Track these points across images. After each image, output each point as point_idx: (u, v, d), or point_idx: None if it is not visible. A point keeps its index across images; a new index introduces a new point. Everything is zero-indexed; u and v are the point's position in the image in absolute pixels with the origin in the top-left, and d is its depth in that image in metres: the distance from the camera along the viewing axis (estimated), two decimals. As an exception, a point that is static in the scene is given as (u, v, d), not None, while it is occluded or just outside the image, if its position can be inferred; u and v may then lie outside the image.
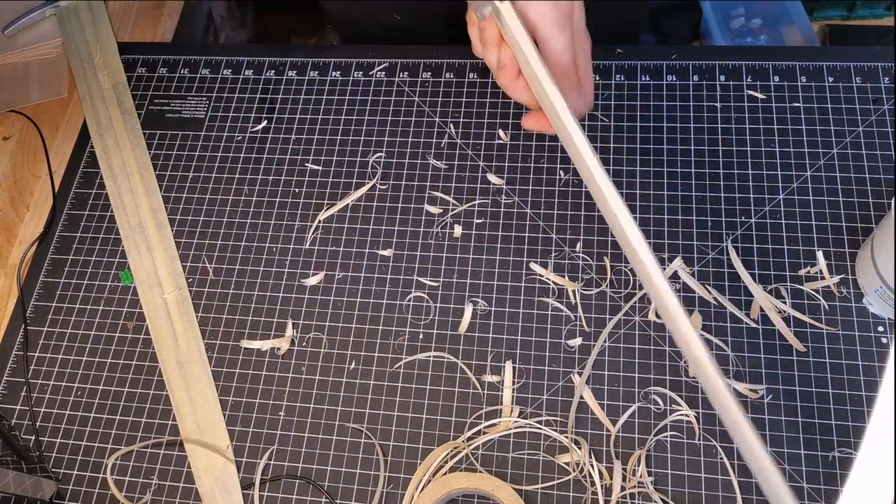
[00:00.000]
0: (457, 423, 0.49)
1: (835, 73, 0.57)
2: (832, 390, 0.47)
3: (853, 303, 0.49)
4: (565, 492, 0.46)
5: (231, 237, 0.57)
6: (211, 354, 0.53)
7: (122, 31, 0.72)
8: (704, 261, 0.52)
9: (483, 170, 0.57)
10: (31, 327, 0.56)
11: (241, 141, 0.61)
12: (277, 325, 0.54)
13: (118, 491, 0.49)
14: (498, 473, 0.47)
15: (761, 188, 0.54)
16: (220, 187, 0.60)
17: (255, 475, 0.49)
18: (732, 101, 0.57)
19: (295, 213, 0.58)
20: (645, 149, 0.56)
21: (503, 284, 0.53)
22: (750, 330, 0.49)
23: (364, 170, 0.59)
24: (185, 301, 0.55)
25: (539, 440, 0.48)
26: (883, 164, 0.53)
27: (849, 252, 0.51)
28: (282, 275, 0.55)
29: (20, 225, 0.62)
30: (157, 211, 0.59)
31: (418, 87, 0.62)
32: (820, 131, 0.55)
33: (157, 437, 0.51)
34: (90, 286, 0.57)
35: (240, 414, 0.51)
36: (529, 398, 0.49)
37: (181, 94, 0.64)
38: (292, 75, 0.64)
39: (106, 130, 0.63)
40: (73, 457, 0.51)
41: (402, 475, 0.48)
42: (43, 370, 0.54)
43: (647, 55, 0.60)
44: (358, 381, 0.51)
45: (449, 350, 0.51)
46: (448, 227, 0.55)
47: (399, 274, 0.54)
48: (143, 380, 0.53)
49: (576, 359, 0.50)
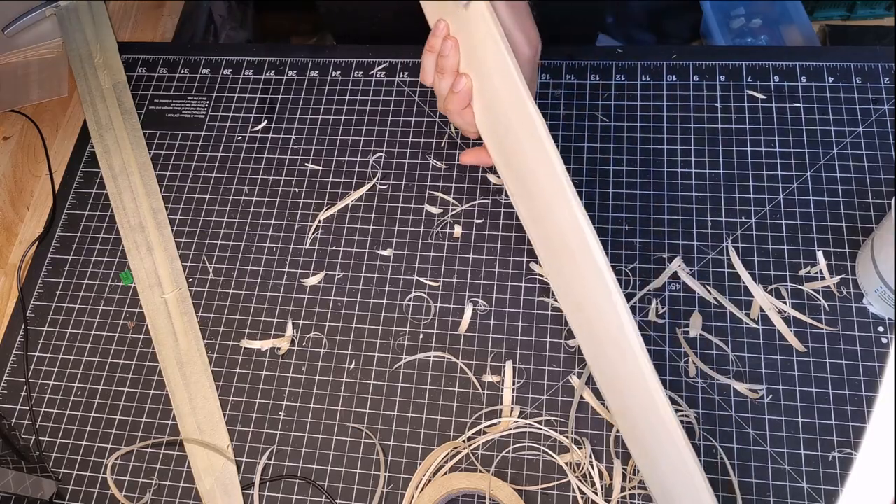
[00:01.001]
0: (457, 423, 0.49)
1: (835, 73, 0.57)
2: (832, 390, 0.47)
3: (853, 303, 0.49)
4: (565, 492, 0.46)
5: (231, 237, 0.57)
6: (211, 354, 0.53)
7: (122, 31, 0.72)
8: (704, 261, 0.52)
9: (483, 170, 0.57)
10: (31, 327, 0.56)
11: (241, 141, 0.61)
12: (277, 325, 0.54)
13: (118, 491, 0.49)
14: (498, 473, 0.47)
15: (761, 188, 0.54)
16: (220, 187, 0.60)
17: (255, 475, 0.49)
18: (732, 101, 0.57)
19: (295, 213, 0.58)
20: (645, 149, 0.56)
21: (503, 284, 0.53)
22: (750, 330, 0.49)
23: (364, 170, 0.59)
24: (185, 301, 0.55)
25: (539, 440, 0.48)
26: (883, 164, 0.53)
27: (849, 252, 0.51)
28: (282, 275, 0.55)
29: (20, 225, 0.62)
30: (157, 211, 0.59)
31: (418, 87, 0.62)
32: (820, 131, 0.55)
33: (157, 437, 0.51)
34: (90, 286, 0.57)
35: (240, 414, 0.51)
36: (529, 398, 0.49)
37: (181, 93, 0.64)
38: (292, 75, 0.64)
39: (106, 130, 0.63)
40: (73, 457, 0.51)
41: (402, 475, 0.48)
42: (43, 370, 0.54)
43: (647, 55, 0.60)
44: (358, 381, 0.51)
45: (449, 350, 0.51)
46: (448, 227, 0.55)
47: (399, 274, 0.54)
48: (143, 380, 0.53)
49: (576, 359, 0.50)
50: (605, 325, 0.40)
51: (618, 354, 0.40)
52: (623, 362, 0.39)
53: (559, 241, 0.41)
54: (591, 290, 0.40)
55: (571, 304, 0.42)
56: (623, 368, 0.40)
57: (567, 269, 0.41)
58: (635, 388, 0.39)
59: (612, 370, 0.41)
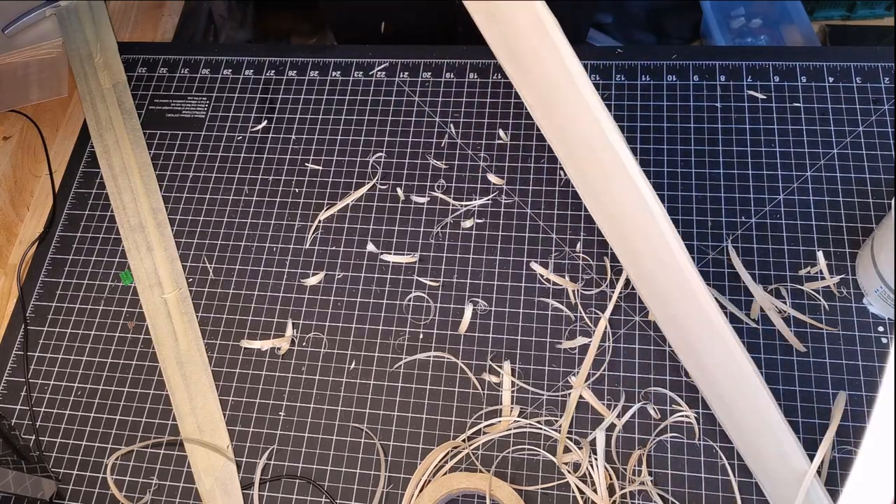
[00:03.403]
0: (457, 423, 0.49)
1: (835, 73, 0.57)
2: (832, 390, 0.47)
3: (853, 303, 0.49)
4: (565, 492, 0.46)
5: (231, 237, 0.57)
6: (211, 354, 0.53)
7: (122, 31, 0.72)
8: (704, 261, 0.52)
9: (483, 170, 0.57)
10: (31, 327, 0.56)
11: (241, 141, 0.61)
12: (277, 325, 0.54)
13: (118, 491, 0.49)
14: (498, 473, 0.47)
15: (761, 188, 0.54)
16: (220, 187, 0.60)
17: (255, 475, 0.49)
18: (732, 101, 0.57)
19: (295, 213, 0.58)
20: (645, 149, 0.56)
21: (503, 284, 0.53)
22: (750, 330, 0.49)
23: (364, 170, 0.59)
24: (185, 301, 0.55)
25: (539, 440, 0.48)
26: (883, 164, 0.53)
27: (849, 252, 0.51)
28: (282, 275, 0.55)
29: (20, 225, 0.62)
30: (157, 211, 0.59)
31: (418, 87, 0.62)
32: (820, 131, 0.55)
33: (157, 437, 0.51)
34: (90, 286, 0.57)
35: (240, 414, 0.51)
36: (529, 398, 0.49)
37: (181, 94, 0.64)
38: (292, 75, 0.64)
39: (106, 130, 0.63)
40: (73, 457, 0.51)
41: (402, 475, 0.48)
42: (43, 370, 0.54)
43: (647, 55, 0.60)
44: (358, 381, 0.51)
45: (449, 350, 0.51)
46: (448, 226, 0.55)
47: (399, 274, 0.54)
48: (143, 380, 0.53)
49: (576, 359, 0.50)
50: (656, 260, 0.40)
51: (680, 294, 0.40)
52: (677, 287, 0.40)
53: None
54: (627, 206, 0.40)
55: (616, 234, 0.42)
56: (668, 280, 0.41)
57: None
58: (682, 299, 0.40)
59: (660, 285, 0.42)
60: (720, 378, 0.42)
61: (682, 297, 0.40)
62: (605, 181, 0.40)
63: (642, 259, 0.41)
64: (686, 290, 0.40)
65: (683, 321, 0.41)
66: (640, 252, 0.41)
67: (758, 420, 0.41)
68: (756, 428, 0.41)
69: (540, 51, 0.38)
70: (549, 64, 0.38)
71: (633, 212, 0.40)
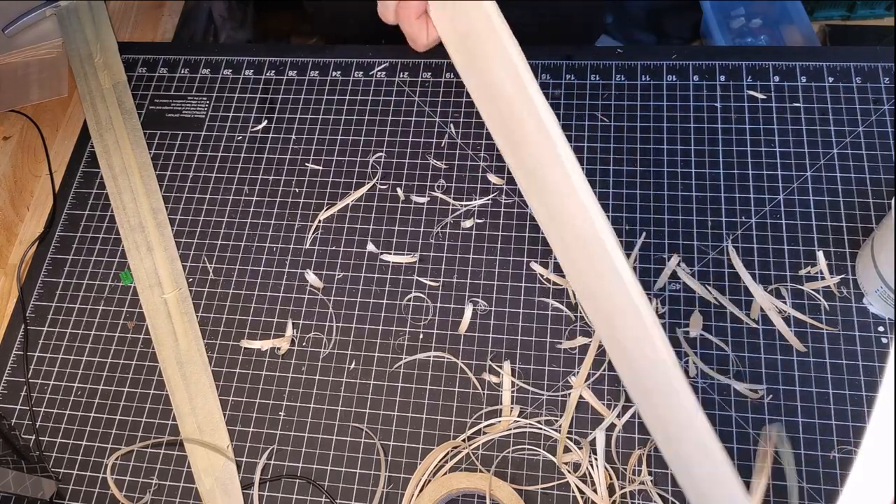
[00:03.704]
0: (457, 423, 0.49)
1: (835, 73, 0.57)
2: (832, 390, 0.47)
3: (853, 303, 0.49)
4: (565, 492, 0.46)
5: (231, 237, 0.57)
6: (211, 354, 0.53)
7: (122, 31, 0.72)
8: (704, 261, 0.52)
9: (483, 170, 0.57)
10: (31, 327, 0.56)
11: (241, 141, 0.61)
12: (277, 325, 0.54)
13: (118, 491, 0.49)
14: (498, 473, 0.47)
15: (761, 188, 0.54)
16: (220, 187, 0.60)
17: (255, 475, 0.49)
18: (732, 101, 0.57)
19: (295, 213, 0.58)
20: (645, 149, 0.56)
21: (503, 284, 0.53)
22: (750, 330, 0.49)
23: (364, 170, 0.59)
24: (185, 301, 0.55)
25: (539, 440, 0.48)
26: (883, 164, 0.53)
27: (849, 252, 0.51)
28: (282, 275, 0.55)
29: (20, 225, 0.62)
30: (157, 211, 0.59)
31: (418, 87, 0.62)
32: (820, 131, 0.55)
33: (157, 437, 0.51)
34: (90, 286, 0.57)
35: (240, 414, 0.51)
36: (529, 398, 0.49)
37: (181, 94, 0.64)
38: (292, 75, 0.64)
39: (106, 130, 0.63)
40: (73, 457, 0.51)
41: (402, 475, 0.48)
42: (43, 370, 0.54)
43: (647, 55, 0.60)
44: (358, 381, 0.51)
45: (449, 350, 0.51)
46: (448, 226, 0.55)
47: (399, 274, 0.54)
48: (143, 380, 0.53)
49: (576, 359, 0.50)
50: (629, 329, 0.37)
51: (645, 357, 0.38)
52: (648, 360, 0.37)
53: (572, 235, 0.38)
54: (606, 282, 0.38)
55: (581, 286, 0.39)
56: (646, 362, 0.38)
57: (581, 261, 0.39)
58: (660, 383, 0.38)
59: (636, 363, 0.39)
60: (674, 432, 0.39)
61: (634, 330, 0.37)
62: (562, 203, 0.37)
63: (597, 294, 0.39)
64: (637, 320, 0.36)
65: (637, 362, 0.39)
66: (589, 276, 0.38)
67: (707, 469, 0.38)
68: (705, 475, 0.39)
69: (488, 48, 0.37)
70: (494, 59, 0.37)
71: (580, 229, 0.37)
